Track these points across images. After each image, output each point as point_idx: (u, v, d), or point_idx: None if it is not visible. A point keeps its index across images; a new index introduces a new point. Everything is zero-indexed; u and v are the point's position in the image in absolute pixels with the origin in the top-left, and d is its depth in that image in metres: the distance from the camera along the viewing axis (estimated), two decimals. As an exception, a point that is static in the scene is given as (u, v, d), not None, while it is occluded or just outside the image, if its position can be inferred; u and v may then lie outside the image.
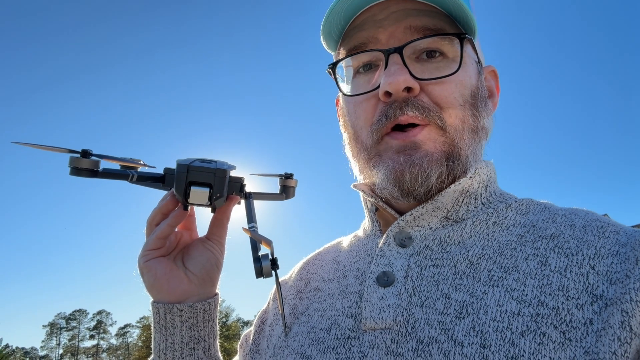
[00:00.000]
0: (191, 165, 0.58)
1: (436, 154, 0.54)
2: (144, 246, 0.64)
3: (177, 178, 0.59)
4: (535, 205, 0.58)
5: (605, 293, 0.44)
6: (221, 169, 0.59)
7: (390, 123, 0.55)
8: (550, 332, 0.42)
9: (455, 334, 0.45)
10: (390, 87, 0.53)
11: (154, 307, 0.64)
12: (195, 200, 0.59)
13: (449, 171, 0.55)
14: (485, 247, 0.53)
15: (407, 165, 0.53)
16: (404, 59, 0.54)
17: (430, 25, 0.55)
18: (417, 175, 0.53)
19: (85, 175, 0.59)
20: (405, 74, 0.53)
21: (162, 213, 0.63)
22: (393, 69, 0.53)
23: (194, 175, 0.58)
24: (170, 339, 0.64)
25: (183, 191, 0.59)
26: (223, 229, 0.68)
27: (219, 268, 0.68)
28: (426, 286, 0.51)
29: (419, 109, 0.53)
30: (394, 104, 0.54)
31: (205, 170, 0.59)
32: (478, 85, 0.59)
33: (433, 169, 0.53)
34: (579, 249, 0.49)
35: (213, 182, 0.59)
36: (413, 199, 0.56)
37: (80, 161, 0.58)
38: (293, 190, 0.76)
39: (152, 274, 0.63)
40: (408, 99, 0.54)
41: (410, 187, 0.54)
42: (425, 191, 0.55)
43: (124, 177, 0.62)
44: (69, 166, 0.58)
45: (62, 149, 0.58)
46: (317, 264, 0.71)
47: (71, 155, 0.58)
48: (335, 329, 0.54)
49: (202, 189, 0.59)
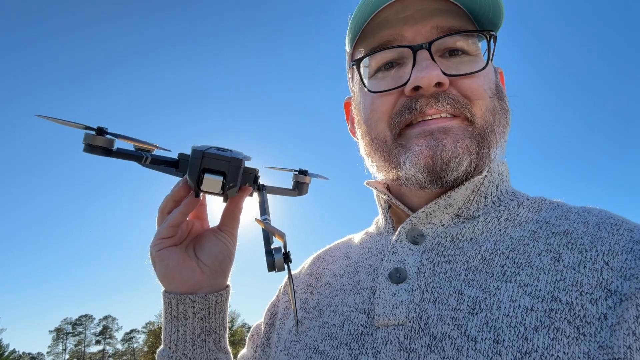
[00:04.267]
0: (206, 152, 0.57)
1: (467, 140, 0.53)
2: (155, 235, 0.63)
3: (192, 164, 0.58)
4: (547, 204, 0.58)
5: (619, 288, 0.44)
6: (236, 158, 0.58)
7: (412, 116, 0.54)
8: (564, 327, 0.42)
9: (468, 329, 0.45)
10: (422, 81, 0.53)
11: (166, 297, 0.63)
12: (208, 188, 0.58)
13: (478, 159, 0.54)
14: (497, 243, 0.53)
15: (438, 148, 0.52)
16: (432, 55, 0.54)
17: (456, 26, 0.55)
18: (448, 160, 0.52)
19: (98, 153, 0.57)
20: (437, 69, 0.53)
21: (174, 200, 0.63)
22: (425, 64, 0.53)
23: (209, 162, 0.57)
24: (182, 329, 0.63)
25: (196, 178, 0.58)
26: (235, 220, 0.67)
27: (231, 259, 0.67)
28: (439, 282, 0.51)
29: (450, 101, 0.53)
30: (421, 99, 0.54)
31: (220, 158, 0.57)
32: (497, 82, 0.60)
33: (464, 156, 0.53)
34: (592, 245, 0.49)
35: (227, 171, 0.58)
36: (442, 186, 0.55)
37: (95, 138, 0.57)
38: (306, 187, 0.75)
39: (164, 263, 0.62)
40: (437, 93, 0.54)
41: (440, 172, 0.53)
42: (455, 178, 0.54)
43: (137, 159, 0.61)
44: (83, 142, 0.57)
45: (79, 125, 0.57)
46: (328, 260, 0.70)
47: (86, 132, 0.57)
48: (348, 325, 0.54)
49: (216, 177, 0.57)
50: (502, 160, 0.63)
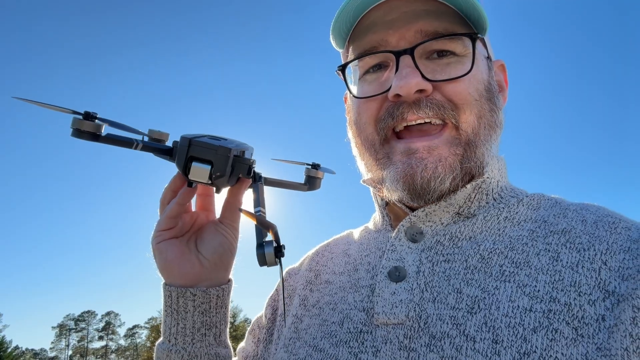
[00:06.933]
0: (193, 139, 0.56)
1: (450, 158, 0.54)
2: (155, 226, 0.63)
3: (179, 151, 0.57)
4: (546, 201, 0.58)
5: (617, 289, 0.44)
6: (224, 146, 0.56)
7: (394, 122, 0.55)
8: (563, 328, 0.42)
9: (467, 329, 0.46)
10: (401, 90, 0.53)
11: (166, 290, 0.63)
12: (195, 177, 0.57)
13: (464, 172, 0.55)
14: (496, 242, 0.53)
15: (419, 168, 0.52)
16: (415, 60, 0.53)
17: (440, 29, 0.54)
18: (429, 179, 0.52)
19: (86, 138, 0.56)
20: (416, 76, 0.53)
21: (171, 190, 0.63)
22: (404, 72, 0.53)
23: (195, 151, 0.56)
24: (182, 323, 0.63)
25: (183, 166, 0.57)
26: (235, 212, 0.66)
27: (232, 253, 0.66)
28: (438, 281, 0.51)
29: (433, 107, 0.53)
30: (402, 105, 0.54)
31: (207, 147, 0.56)
32: (490, 80, 0.59)
33: (447, 174, 0.53)
34: (590, 244, 0.49)
35: (214, 160, 0.56)
36: (425, 203, 0.55)
37: (83, 123, 0.55)
38: (319, 182, 0.73)
39: (163, 256, 0.62)
40: (420, 99, 0.54)
41: (420, 191, 0.53)
42: (439, 195, 0.54)
43: (128, 145, 0.59)
44: (70, 127, 0.55)
45: (66, 109, 0.55)
46: (327, 256, 0.70)
47: (74, 117, 0.55)
48: (348, 323, 0.55)
49: (203, 166, 0.56)
50: (500, 156, 0.63)
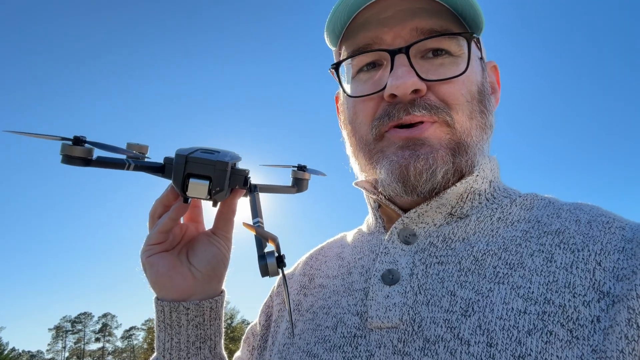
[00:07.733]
0: (189, 156, 0.55)
1: (442, 150, 0.53)
2: (145, 240, 0.61)
3: (175, 169, 0.56)
4: (539, 200, 0.58)
5: (612, 290, 0.43)
6: (222, 161, 0.56)
7: (392, 122, 0.54)
8: (557, 330, 0.42)
9: (461, 332, 0.45)
10: (397, 90, 0.52)
11: (158, 304, 0.62)
12: (194, 194, 0.56)
13: (455, 168, 0.54)
14: (489, 243, 0.52)
15: (412, 159, 0.52)
16: (410, 59, 0.53)
17: (436, 27, 0.54)
18: (421, 170, 0.52)
19: (77, 163, 0.55)
20: (412, 76, 0.52)
21: (163, 205, 0.61)
22: (400, 71, 0.52)
23: (193, 167, 0.55)
24: (176, 338, 0.61)
25: (181, 184, 0.56)
26: (229, 223, 0.65)
27: (225, 264, 0.65)
28: (431, 284, 0.51)
29: (427, 108, 0.53)
30: (398, 105, 0.54)
31: (204, 162, 0.55)
32: (483, 82, 0.59)
33: (439, 166, 0.53)
34: (584, 244, 0.48)
35: (213, 175, 0.56)
36: (417, 196, 0.55)
37: (73, 149, 0.54)
38: (306, 184, 0.73)
39: (154, 270, 0.60)
40: (414, 100, 0.53)
41: (414, 183, 0.53)
42: (431, 188, 0.54)
43: (120, 167, 0.58)
44: (60, 154, 0.55)
45: (54, 137, 0.55)
46: (321, 260, 0.70)
47: (63, 143, 0.55)
48: (342, 327, 0.54)
49: (201, 182, 0.55)
50: (492, 156, 0.63)
